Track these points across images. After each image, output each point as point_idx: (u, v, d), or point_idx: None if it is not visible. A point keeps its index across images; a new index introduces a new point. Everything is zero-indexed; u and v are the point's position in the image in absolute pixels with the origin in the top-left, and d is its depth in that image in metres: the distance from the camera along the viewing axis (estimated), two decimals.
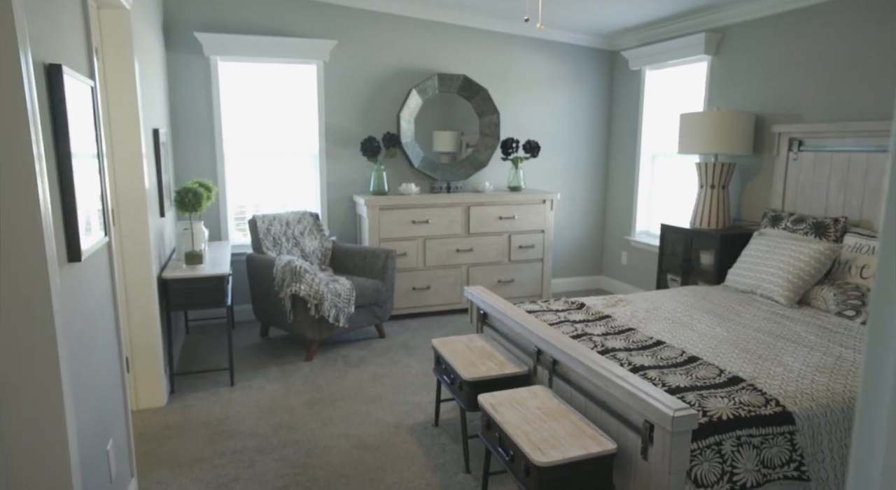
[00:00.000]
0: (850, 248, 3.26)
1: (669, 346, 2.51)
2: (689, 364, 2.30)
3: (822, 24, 3.66)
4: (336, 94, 4.80)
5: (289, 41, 4.51)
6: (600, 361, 2.14)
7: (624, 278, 5.65)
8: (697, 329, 2.77)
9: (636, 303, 3.22)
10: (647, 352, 2.44)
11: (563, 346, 2.32)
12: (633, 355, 2.40)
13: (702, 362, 2.31)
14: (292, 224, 4.44)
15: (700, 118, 3.98)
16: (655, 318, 2.95)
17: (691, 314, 3.00)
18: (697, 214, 4.15)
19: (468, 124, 5.17)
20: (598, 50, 5.54)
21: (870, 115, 3.41)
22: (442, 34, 5.01)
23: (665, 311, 3.07)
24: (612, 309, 3.11)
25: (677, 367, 2.27)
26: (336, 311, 3.90)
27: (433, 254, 4.82)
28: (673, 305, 3.16)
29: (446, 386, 2.81)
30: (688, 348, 2.49)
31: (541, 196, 5.06)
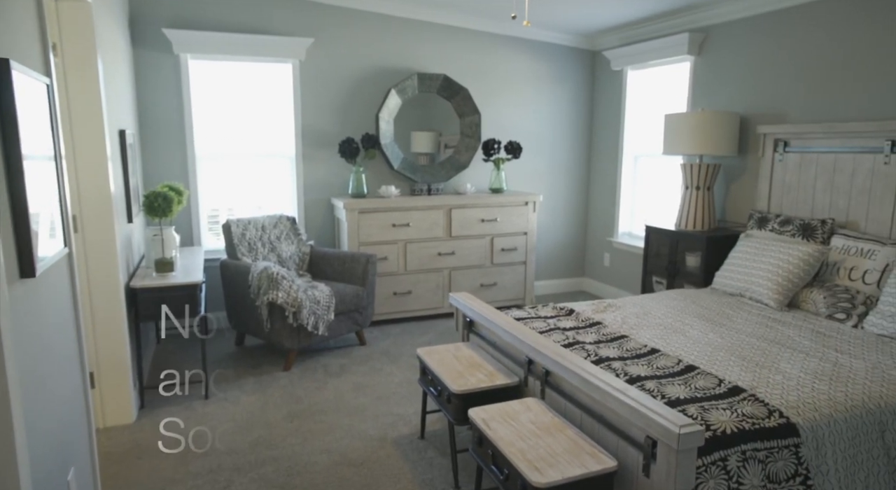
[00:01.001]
0: (838, 249, 3.22)
1: (665, 354, 2.43)
2: (686, 373, 2.22)
3: (806, 25, 3.64)
4: (313, 94, 4.65)
5: (263, 39, 4.34)
6: (597, 373, 2.04)
7: (607, 280, 5.60)
8: (690, 335, 2.69)
9: (626, 308, 3.14)
10: (643, 361, 2.36)
11: (557, 356, 2.22)
12: (629, 365, 2.31)
13: (700, 371, 2.23)
14: (268, 228, 4.27)
15: (685, 119, 3.93)
16: (647, 323, 2.87)
17: (683, 319, 2.93)
18: (683, 216, 4.10)
19: (449, 125, 5.06)
20: (580, 50, 5.47)
21: (856, 116, 3.39)
22: (421, 33, 4.89)
23: (656, 316, 2.99)
24: (602, 315, 3.02)
25: (675, 376, 2.19)
26: (315, 319, 3.75)
27: (414, 257, 4.70)
28: (663, 310, 3.09)
29: (433, 398, 2.69)
30: (683, 356, 2.41)
31: (523, 198, 4.97)
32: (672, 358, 2.38)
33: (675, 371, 2.24)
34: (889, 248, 3.02)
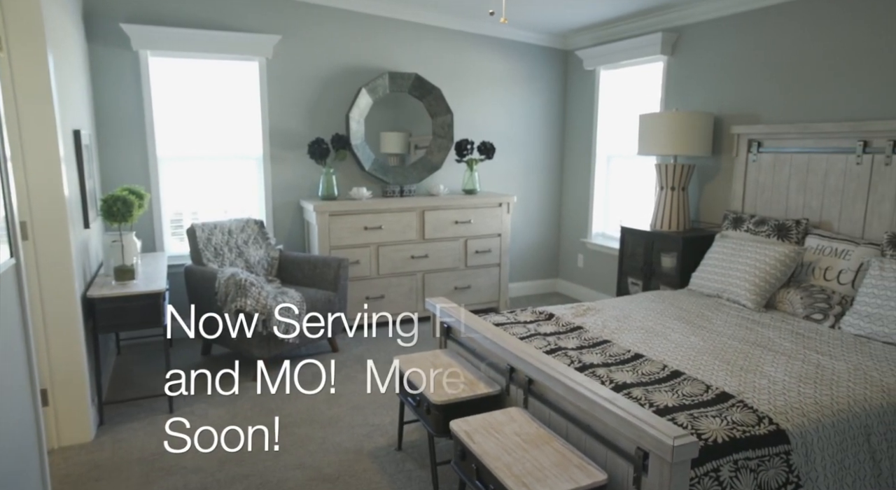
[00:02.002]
0: (813, 250, 3.24)
1: (649, 359, 2.38)
2: (672, 379, 2.17)
3: (779, 25, 3.65)
4: (280, 94, 4.49)
5: (227, 36, 4.17)
6: (583, 382, 1.98)
7: (581, 281, 5.57)
8: (672, 339, 2.65)
9: (605, 311, 3.10)
10: (627, 367, 2.30)
11: (540, 364, 2.15)
12: (614, 371, 2.25)
13: (686, 377, 2.19)
14: (235, 232, 4.11)
15: (659, 119, 3.92)
16: (628, 327, 2.82)
17: (663, 322, 2.90)
18: (658, 216, 4.08)
19: (421, 125, 4.96)
20: (552, 49, 5.44)
21: (829, 117, 3.41)
22: (392, 31, 4.78)
23: (636, 319, 2.95)
24: (582, 318, 2.97)
25: (661, 383, 2.14)
26: (285, 326, 3.62)
27: (387, 261, 4.59)
28: (643, 313, 3.05)
29: (411, 409, 2.59)
30: (668, 361, 2.36)
31: (497, 199, 4.91)
32: (657, 363, 2.33)
33: (660, 377, 2.19)
34: (862, 248, 3.04)
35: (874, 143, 3.13)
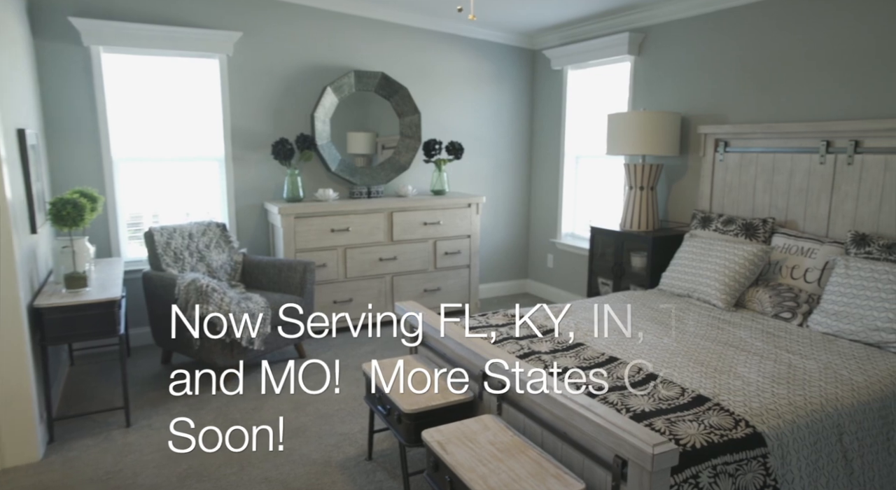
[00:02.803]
0: (780, 248, 3.26)
1: (623, 362, 2.35)
2: (648, 383, 2.13)
3: (743, 26, 3.68)
4: (242, 92, 4.35)
5: (185, 31, 4.01)
6: (559, 389, 1.92)
7: (550, 281, 5.56)
8: (646, 340, 2.63)
9: (577, 312, 3.06)
10: (602, 370, 2.26)
11: (515, 370, 2.09)
12: (589, 376, 2.21)
13: (661, 380, 2.16)
14: (196, 236, 3.96)
15: (627, 119, 3.91)
16: (600, 329, 2.79)
17: (635, 323, 2.88)
18: (627, 216, 4.08)
19: (388, 125, 4.87)
20: (520, 48, 5.41)
21: (793, 117, 3.45)
22: (358, 29, 4.68)
23: (607, 320, 2.92)
24: (555, 321, 2.92)
25: (637, 386, 2.11)
26: (250, 333, 3.49)
27: (355, 264, 4.48)
28: (615, 314, 3.02)
29: (381, 418, 2.51)
30: (642, 364, 2.33)
31: (466, 200, 4.85)
32: (631, 366, 2.30)
33: (636, 381, 2.16)
34: (827, 247, 3.07)
35: (837, 143, 3.17)
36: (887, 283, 2.64)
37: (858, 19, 3.12)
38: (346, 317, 4.50)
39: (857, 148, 3.08)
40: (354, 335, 4.46)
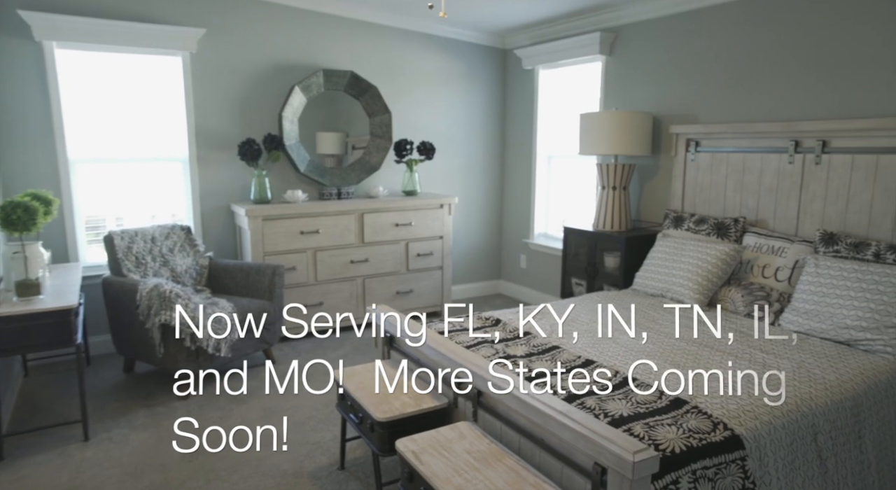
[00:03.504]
0: (751, 247, 3.29)
1: (600, 365, 2.32)
2: (625, 386, 2.11)
3: (713, 27, 3.70)
4: (207, 91, 4.21)
5: (145, 28, 3.87)
6: (536, 395, 1.88)
7: (523, 282, 5.54)
8: (621, 341, 2.61)
9: (552, 315, 3.03)
10: (579, 374, 2.23)
11: (490, 375, 2.04)
12: (566, 380, 2.17)
13: (639, 383, 2.13)
14: (159, 240, 3.81)
15: (599, 118, 3.90)
16: (576, 331, 2.76)
17: (610, 324, 2.85)
18: (600, 216, 4.07)
19: (358, 125, 4.78)
20: (491, 48, 5.37)
21: (762, 117, 3.48)
22: (327, 27, 4.58)
23: (583, 322, 2.90)
24: (530, 323, 2.88)
25: (614, 390, 2.07)
26: (216, 339, 3.37)
27: (325, 266, 4.39)
28: (589, 315, 3.00)
29: (354, 426, 2.43)
30: (619, 366, 2.31)
31: (438, 200, 4.79)
32: (608, 369, 2.27)
33: (613, 384, 2.13)
34: (797, 245, 3.10)
35: (805, 143, 3.20)
36: (856, 281, 2.66)
37: (826, 21, 3.16)
38: (316, 321, 4.40)
39: (824, 148, 3.12)
40: (325, 339, 4.36)
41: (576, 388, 2.09)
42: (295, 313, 4.28)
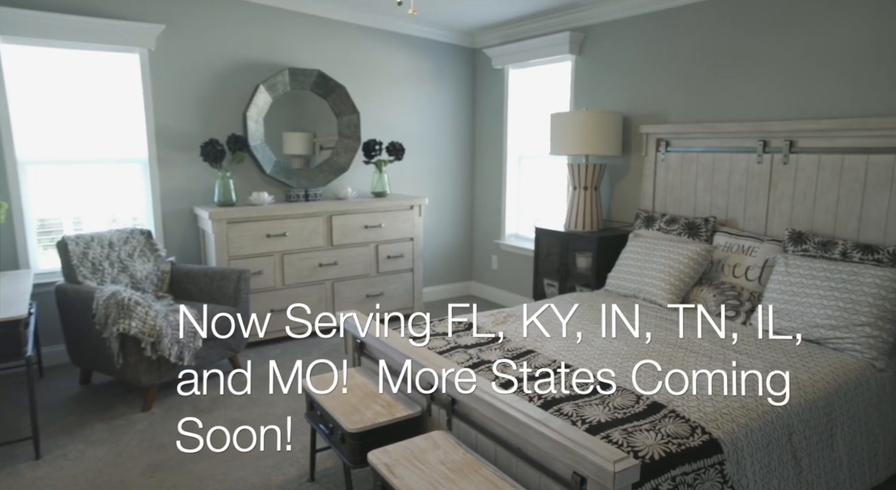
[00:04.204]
0: (721, 247, 3.30)
1: (575, 369, 2.28)
2: (601, 391, 2.07)
3: (682, 27, 3.71)
4: (167, 90, 4.06)
5: (100, 23, 3.70)
6: (511, 401, 1.82)
7: (495, 283, 5.50)
8: (596, 344, 2.58)
9: (525, 317, 2.99)
10: (555, 379, 2.19)
11: (464, 383, 1.98)
12: (540, 386, 2.12)
13: (615, 387, 2.10)
14: (117, 245, 3.65)
15: (570, 118, 3.88)
16: (550, 334, 2.72)
17: (584, 326, 2.83)
18: (571, 216, 4.06)
19: (325, 125, 4.68)
20: (460, 47, 5.32)
21: (731, 117, 3.50)
22: (292, 24, 4.47)
23: (557, 324, 2.86)
24: (503, 327, 2.84)
25: (591, 395, 2.04)
26: (179, 348, 3.24)
27: (293, 270, 4.27)
28: (563, 317, 2.97)
29: (324, 437, 2.34)
30: (595, 370, 2.27)
31: (408, 202, 4.72)
32: (584, 373, 2.23)
33: (589, 390, 2.09)
34: (767, 245, 3.12)
35: (773, 143, 3.23)
36: (824, 280, 2.69)
37: (792, 23, 3.19)
38: (284, 326, 4.28)
39: (791, 148, 3.15)
40: (294, 345, 4.25)
41: (552, 394, 2.04)
42: (262, 319, 4.16)
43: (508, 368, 2.29)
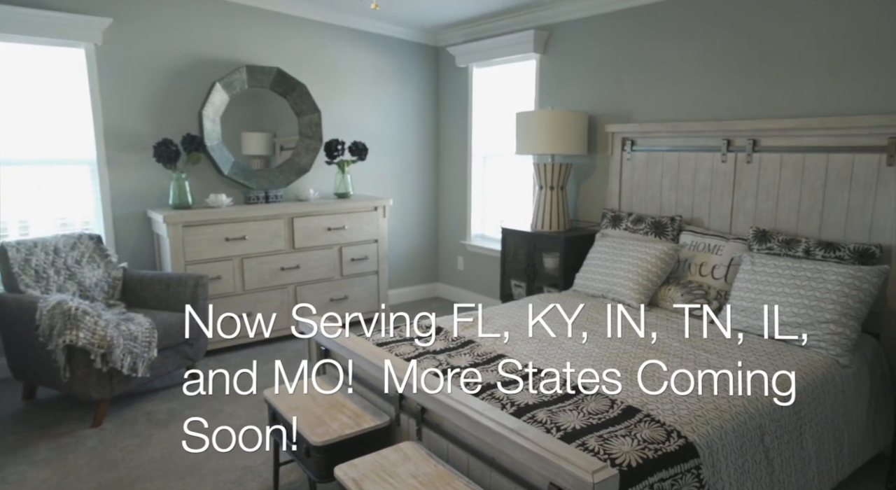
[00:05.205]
0: (688, 246, 3.31)
1: (548, 373, 2.23)
2: (575, 396, 2.02)
3: (645, 26, 3.72)
4: (116, 87, 3.86)
5: (39, 15, 3.48)
6: (484, 410, 1.76)
7: (461, 285, 5.44)
8: (567, 347, 2.54)
9: (494, 320, 2.93)
10: (527, 384, 2.13)
11: (433, 391, 1.90)
12: (513, 392, 2.06)
13: (589, 393, 2.05)
14: (63, 251, 3.45)
15: (536, 118, 3.85)
16: (520, 337, 2.67)
17: (554, 328, 2.78)
18: (538, 216, 4.02)
19: (286, 124, 4.54)
20: (423, 45, 5.24)
21: (696, 116, 3.51)
22: (249, 20, 4.31)
23: (526, 327, 2.81)
24: (473, 330, 2.77)
25: (564, 401, 1.99)
26: (132, 359, 3.07)
27: (253, 274, 4.13)
28: (533, 320, 2.92)
29: (288, 451, 2.23)
30: (567, 374, 2.23)
31: (372, 203, 4.62)
32: (556, 378, 2.18)
33: (562, 394, 2.04)
34: (732, 243, 3.14)
35: (737, 142, 3.25)
36: (790, 278, 2.71)
37: (755, 23, 3.21)
38: (245, 333, 4.13)
39: (755, 147, 3.17)
40: (255, 352, 4.10)
41: (525, 400, 1.99)
42: (222, 325, 4.00)
43: (479, 374, 2.22)
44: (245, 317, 4.11)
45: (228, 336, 4.05)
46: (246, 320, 4.12)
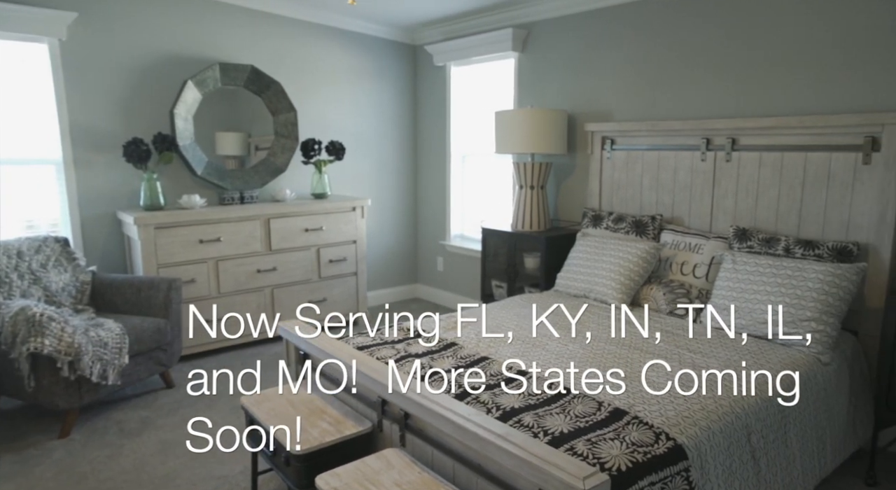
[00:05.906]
0: (669, 245, 3.30)
1: (532, 375, 2.19)
2: (562, 399, 1.98)
3: (624, 24, 3.71)
4: (83, 84, 3.73)
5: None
6: (470, 415, 1.71)
7: (441, 285, 5.39)
8: (551, 348, 2.50)
9: (476, 321, 2.88)
10: (512, 387, 2.09)
11: (417, 395, 1.85)
12: (498, 395, 2.02)
13: (575, 395, 2.02)
14: (27, 255, 3.32)
15: (515, 117, 3.81)
16: (503, 339, 2.63)
17: (538, 329, 2.75)
18: (518, 216, 3.99)
19: (261, 124, 4.44)
20: (401, 43, 5.18)
21: (675, 115, 3.52)
22: (222, 16, 4.21)
23: (509, 328, 2.77)
24: (455, 332, 2.72)
25: (550, 404, 1.95)
26: (102, 366, 2.96)
27: (229, 277, 4.02)
28: (516, 321, 2.89)
29: (266, 459, 2.16)
30: (552, 377, 2.19)
31: (350, 203, 4.54)
32: (542, 380, 2.15)
33: (548, 397, 2.00)
34: (713, 242, 3.14)
35: (716, 141, 3.26)
36: (771, 276, 2.71)
37: (734, 22, 3.22)
38: (221, 337, 4.02)
39: (734, 145, 3.18)
40: (231, 358, 4.00)
41: (511, 404, 1.94)
42: (195, 330, 3.89)
43: (463, 377, 2.18)
44: (221, 320, 4.01)
45: (204, 340, 3.95)
46: (222, 324, 4.01)
